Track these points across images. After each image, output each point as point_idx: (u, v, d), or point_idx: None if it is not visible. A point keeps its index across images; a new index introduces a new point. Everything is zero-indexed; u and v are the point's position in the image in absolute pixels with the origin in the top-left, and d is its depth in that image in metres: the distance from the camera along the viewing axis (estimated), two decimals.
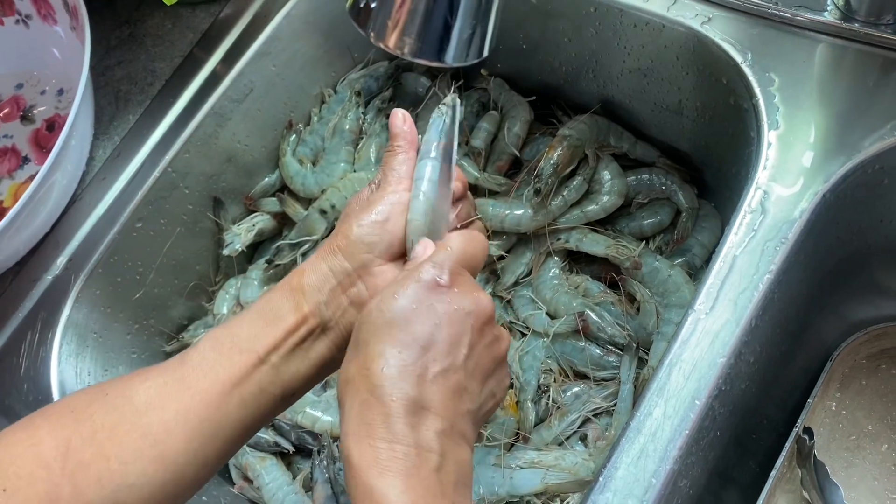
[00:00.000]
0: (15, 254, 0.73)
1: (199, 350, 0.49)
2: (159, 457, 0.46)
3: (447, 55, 0.45)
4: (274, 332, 0.49)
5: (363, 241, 0.51)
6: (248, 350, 0.48)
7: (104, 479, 0.45)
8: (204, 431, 0.47)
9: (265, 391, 0.49)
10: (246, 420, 0.49)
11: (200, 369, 0.48)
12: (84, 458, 0.45)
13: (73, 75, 0.82)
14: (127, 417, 0.47)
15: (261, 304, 0.51)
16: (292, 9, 0.82)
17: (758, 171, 0.61)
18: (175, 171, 0.78)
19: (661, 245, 0.80)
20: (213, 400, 0.47)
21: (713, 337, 0.57)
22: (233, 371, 0.48)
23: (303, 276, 0.51)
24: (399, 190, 0.52)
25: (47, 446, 0.46)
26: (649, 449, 0.54)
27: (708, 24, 0.68)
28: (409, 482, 0.41)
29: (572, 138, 0.79)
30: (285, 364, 0.49)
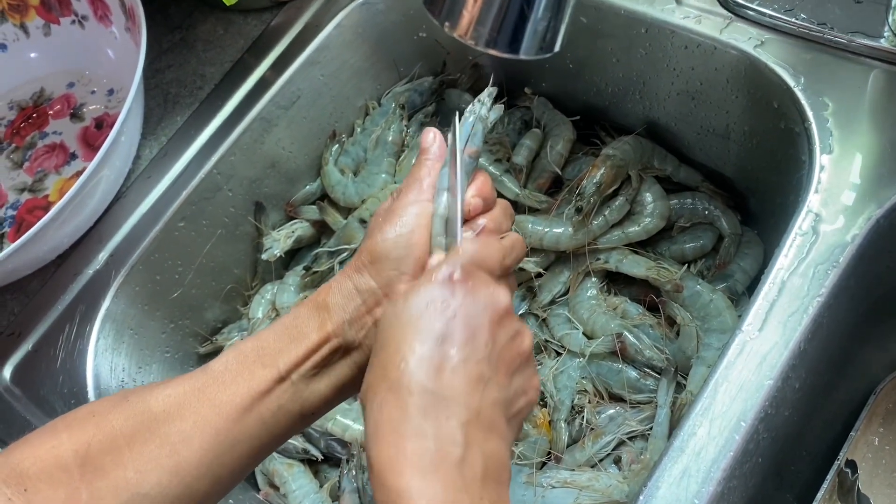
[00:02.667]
0: (58, 246, 0.74)
1: (222, 361, 0.49)
2: (174, 468, 0.46)
3: (520, 47, 0.45)
4: (297, 350, 0.48)
5: (389, 257, 0.49)
6: (270, 365, 0.48)
7: (120, 487, 0.45)
8: (220, 444, 0.47)
9: (284, 408, 0.48)
10: (263, 437, 0.48)
11: (222, 380, 0.47)
12: (102, 464, 0.45)
13: (125, 76, 0.84)
14: (145, 425, 0.46)
15: (288, 318, 0.50)
16: (343, 20, 0.83)
17: (809, 195, 0.61)
18: (220, 173, 0.79)
19: (702, 270, 0.80)
20: (232, 413, 0.47)
21: (761, 359, 0.56)
22: (253, 385, 0.47)
23: (329, 294, 0.50)
24: (421, 200, 0.50)
25: (67, 450, 0.46)
26: (692, 469, 0.53)
27: (761, 48, 0.68)
28: (426, 479, 0.39)
29: (616, 158, 0.78)
30: (306, 383, 0.48)
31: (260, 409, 0.47)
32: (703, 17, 0.71)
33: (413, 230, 0.49)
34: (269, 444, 0.49)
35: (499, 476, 0.42)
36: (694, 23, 0.71)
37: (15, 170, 0.86)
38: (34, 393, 0.71)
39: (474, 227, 0.50)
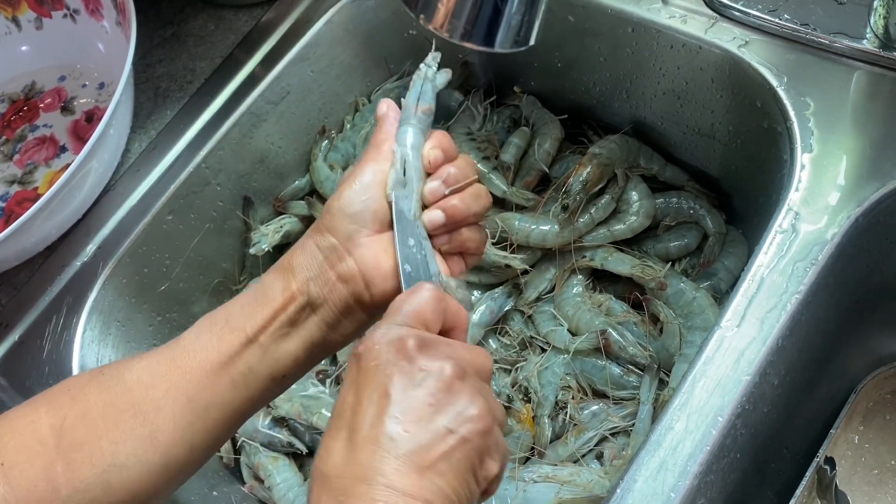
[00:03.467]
0: (46, 238, 0.74)
1: (193, 330, 0.49)
2: (149, 437, 0.46)
3: (495, 40, 0.45)
4: (263, 312, 0.48)
5: (345, 213, 0.49)
6: (237, 329, 0.48)
7: (96, 458, 0.46)
8: (193, 411, 0.47)
9: (254, 371, 0.48)
10: (236, 402, 0.48)
11: (192, 349, 0.48)
12: (77, 436, 0.46)
13: (115, 70, 0.84)
14: (119, 396, 0.47)
15: (256, 286, 0.51)
16: (333, 16, 0.84)
17: (790, 193, 0.61)
18: (208, 167, 0.79)
19: (686, 268, 0.80)
20: (203, 379, 0.47)
21: (738, 354, 0.56)
22: (222, 350, 0.48)
23: (292, 257, 0.50)
24: (379, 159, 0.50)
25: (44, 424, 0.46)
26: (669, 463, 0.54)
27: (745, 48, 0.68)
28: None
29: (602, 157, 0.79)
30: (275, 343, 0.49)
31: (230, 372, 0.48)
32: (689, 16, 0.71)
33: (368, 185, 0.49)
34: (242, 408, 0.49)
35: None
36: (679, 22, 0.71)
37: (5, 162, 0.86)
38: (20, 384, 0.71)
39: (440, 176, 0.50)
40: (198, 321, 0.50)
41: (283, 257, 0.51)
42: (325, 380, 0.80)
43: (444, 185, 0.50)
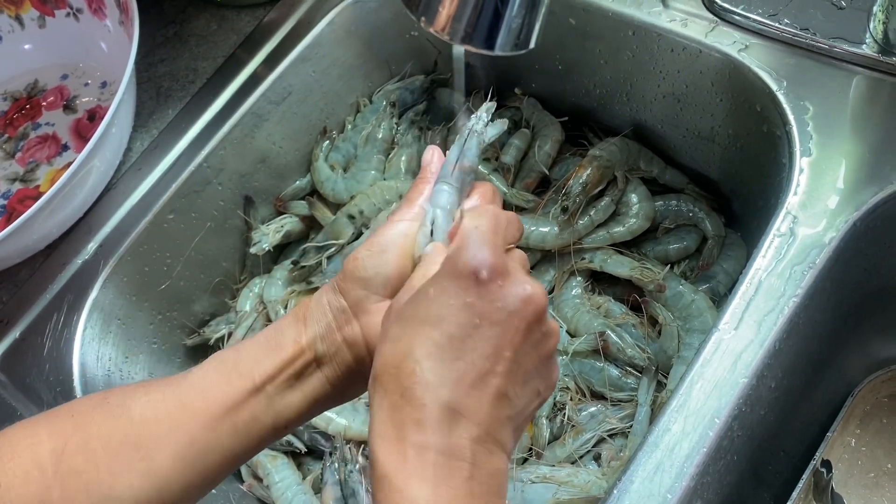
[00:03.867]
0: (47, 236, 0.75)
1: (203, 368, 0.49)
2: (147, 471, 0.46)
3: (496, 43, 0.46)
4: (272, 361, 0.47)
5: (357, 276, 0.47)
6: (246, 375, 0.47)
7: (92, 488, 0.45)
8: (193, 451, 0.46)
9: (257, 420, 0.47)
10: (235, 448, 0.48)
11: (199, 388, 0.47)
12: (76, 464, 0.45)
13: (118, 69, 0.84)
14: (122, 428, 0.46)
15: (271, 329, 0.50)
16: (335, 17, 0.84)
17: (788, 196, 0.62)
18: (210, 166, 0.80)
19: (685, 271, 0.81)
20: (206, 421, 0.46)
21: (736, 357, 0.57)
22: (229, 395, 0.47)
23: (308, 307, 0.49)
24: (406, 218, 0.49)
25: (45, 448, 0.46)
26: (666, 464, 0.54)
27: (745, 52, 0.69)
28: (437, 490, 0.39)
29: (602, 159, 0.79)
30: (280, 395, 0.47)
31: (234, 418, 0.47)
32: (689, 20, 0.71)
33: (386, 250, 0.48)
34: (240, 454, 0.48)
35: (500, 490, 0.42)
36: (680, 26, 0.72)
37: (7, 160, 0.86)
38: (20, 380, 0.71)
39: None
40: (209, 358, 0.49)
41: (300, 304, 0.51)
42: None
43: None
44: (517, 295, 0.42)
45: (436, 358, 0.40)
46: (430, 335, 0.41)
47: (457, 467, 0.40)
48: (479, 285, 0.41)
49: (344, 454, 0.74)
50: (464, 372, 0.41)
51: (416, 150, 0.88)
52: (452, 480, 0.39)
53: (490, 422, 0.41)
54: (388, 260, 0.47)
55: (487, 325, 0.41)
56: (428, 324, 0.41)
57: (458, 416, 0.40)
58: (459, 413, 0.40)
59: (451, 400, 0.40)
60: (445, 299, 0.41)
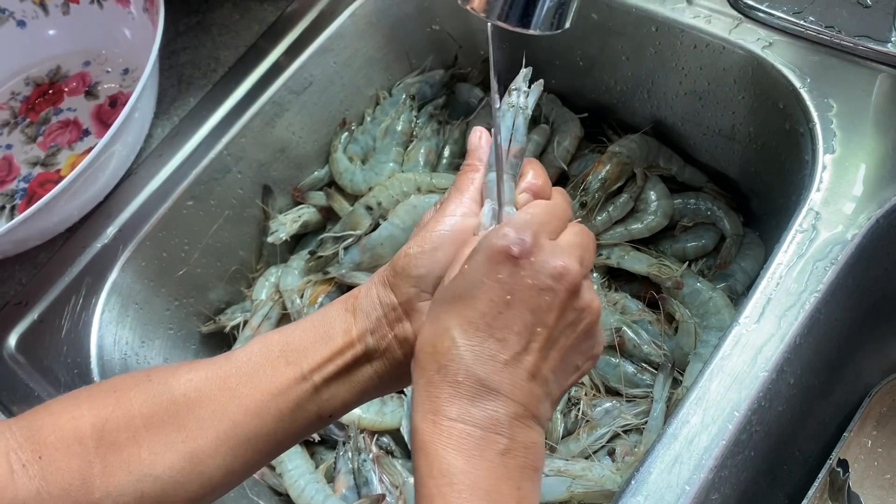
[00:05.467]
0: (68, 219, 0.75)
1: (247, 351, 0.48)
2: (189, 453, 0.46)
3: (531, 22, 0.46)
4: (322, 351, 0.47)
5: (409, 274, 0.46)
6: (294, 363, 0.47)
7: (133, 466, 0.45)
8: (236, 436, 0.46)
9: (303, 408, 0.47)
10: (278, 434, 0.47)
11: (244, 372, 0.47)
12: (117, 440, 0.45)
13: (140, 56, 0.85)
14: (164, 407, 0.46)
15: (317, 316, 0.49)
16: (357, 9, 0.85)
17: (811, 193, 0.61)
18: (230, 154, 0.80)
19: (703, 269, 0.80)
20: (251, 407, 0.46)
21: (756, 351, 0.56)
22: (275, 382, 0.46)
23: (357, 299, 0.48)
24: (458, 213, 0.47)
25: (86, 422, 0.45)
26: (684, 456, 0.54)
27: (769, 49, 0.69)
28: (471, 461, 0.40)
29: (622, 155, 0.79)
30: (327, 386, 0.47)
31: (279, 405, 0.46)
32: (713, 17, 0.71)
33: (437, 248, 0.46)
34: (282, 441, 0.48)
35: (536, 464, 0.43)
36: (704, 22, 0.71)
37: (28, 144, 0.87)
38: (38, 362, 0.71)
39: None
40: (254, 339, 0.49)
41: (351, 293, 0.50)
42: None
43: None
44: (548, 271, 0.42)
45: (470, 335, 0.41)
46: (463, 312, 0.42)
47: (492, 440, 0.41)
48: (510, 262, 0.41)
49: (357, 443, 0.74)
50: (497, 349, 0.41)
51: (434, 144, 0.88)
52: (486, 452, 0.40)
53: (526, 398, 0.42)
54: (440, 258, 0.46)
55: (519, 301, 0.41)
56: (462, 301, 0.42)
57: (493, 392, 0.41)
58: (494, 389, 0.41)
59: (485, 377, 0.41)
60: (478, 276, 0.42)
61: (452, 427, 0.40)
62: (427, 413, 0.41)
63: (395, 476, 0.73)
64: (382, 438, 0.76)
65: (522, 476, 0.41)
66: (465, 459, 0.40)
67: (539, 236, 0.43)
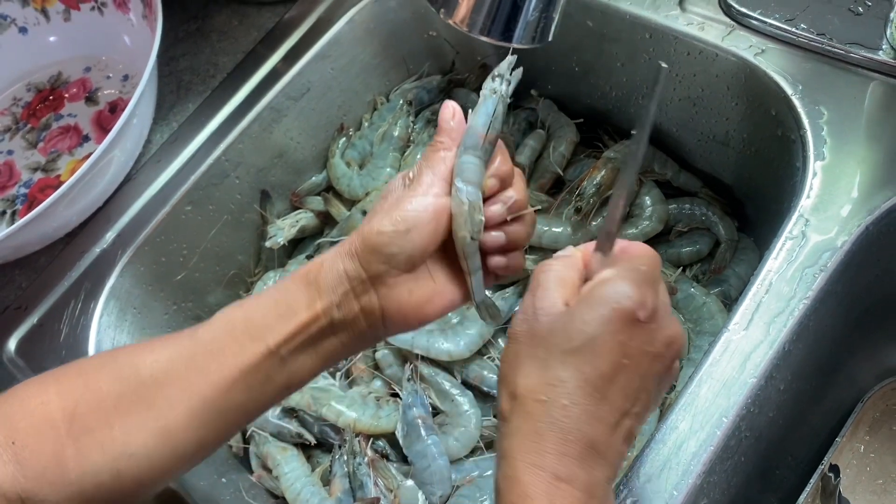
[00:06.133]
0: (67, 224, 0.76)
1: (210, 329, 0.49)
2: (161, 430, 0.47)
3: (514, 36, 0.46)
4: (287, 326, 0.48)
5: (381, 252, 0.47)
6: (259, 339, 0.48)
7: (106, 446, 0.46)
8: (207, 411, 0.47)
9: (271, 380, 0.49)
10: (248, 405, 0.49)
11: (210, 350, 0.48)
12: (89, 423, 0.46)
13: (140, 62, 0.86)
14: (133, 388, 0.47)
15: (277, 292, 0.50)
16: (355, 15, 0.85)
17: (801, 200, 0.62)
18: (228, 160, 0.81)
19: (697, 274, 0.81)
20: (220, 383, 0.47)
21: (745, 357, 0.57)
22: (243, 358, 0.47)
23: (319, 273, 0.49)
24: (430, 193, 0.48)
25: (56, 407, 0.46)
26: (672, 462, 0.54)
27: (761, 56, 0.69)
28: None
29: (617, 161, 0.80)
30: (293, 357, 0.48)
31: (248, 380, 0.47)
32: (707, 24, 0.72)
33: (411, 229, 0.47)
34: (252, 411, 0.49)
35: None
36: (697, 29, 0.72)
37: (29, 149, 0.88)
38: (37, 365, 0.72)
39: (504, 201, 0.49)
40: (215, 317, 0.50)
41: (307, 267, 0.50)
42: (336, 373, 0.81)
43: (507, 211, 0.49)
44: (662, 339, 0.43)
45: (587, 395, 0.41)
46: (583, 368, 0.42)
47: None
48: (634, 326, 0.42)
49: (353, 447, 0.75)
50: (607, 412, 0.42)
51: None
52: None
53: (618, 460, 0.43)
54: (414, 238, 0.47)
55: (633, 366, 0.42)
56: (581, 356, 0.42)
57: (598, 455, 0.42)
58: (601, 454, 0.42)
59: (595, 440, 0.41)
60: (600, 332, 0.42)
61: (559, 487, 0.40)
62: (533, 466, 0.41)
63: (390, 479, 0.73)
64: (378, 442, 0.76)
65: None
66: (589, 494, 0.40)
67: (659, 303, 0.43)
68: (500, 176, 0.49)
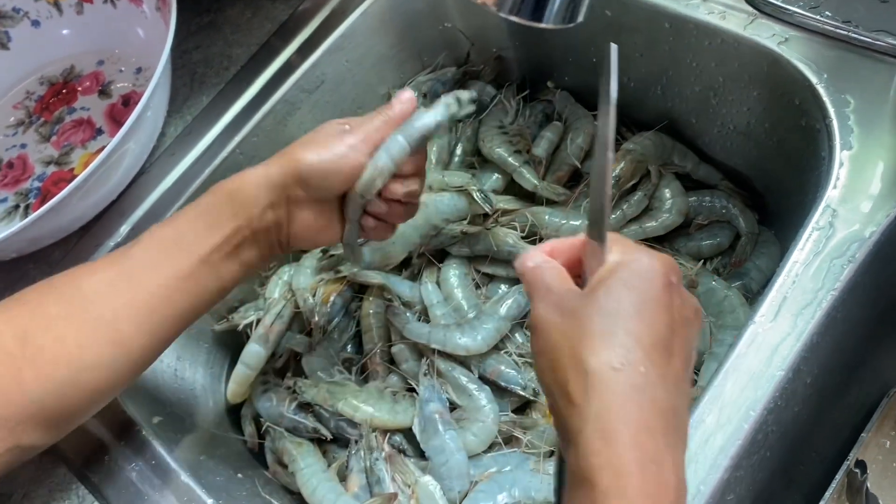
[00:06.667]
0: (81, 217, 0.75)
1: (142, 247, 0.55)
2: (113, 340, 0.52)
3: (544, 16, 0.45)
4: (213, 238, 0.55)
5: (305, 181, 0.55)
6: (189, 251, 0.54)
7: (62, 361, 0.50)
8: (153, 320, 0.53)
9: (205, 285, 0.55)
10: (188, 309, 0.55)
11: (145, 265, 0.54)
12: (42, 343, 0.50)
13: (153, 55, 0.85)
14: (79, 306, 0.52)
15: (200, 206, 0.56)
16: (369, 7, 0.84)
17: (827, 190, 0.61)
18: (242, 153, 0.80)
19: (718, 267, 0.80)
20: (162, 293, 0.53)
21: (772, 350, 0.56)
22: (179, 268, 0.54)
23: (242, 188, 0.56)
24: (360, 149, 0.56)
25: (5, 335, 0.50)
26: (699, 456, 0.53)
27: (784, 45, 0.68)
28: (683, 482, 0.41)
29: (636, 153, 0.79)
30: (223, 263, 0.56)
31: (187, 286, 0.54)
32: (728, 13, 0.71)
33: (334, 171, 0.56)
34: (197, 312, 0.56)
35: None
36: (718, 19, 0.71)
37: (42, 143, 0.87)
38: None
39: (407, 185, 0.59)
40: (144, 236, 0.55)
41: (229, 180, 0.57)
42: (352, 368, 0.80)
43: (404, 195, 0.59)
44: (692, 304, 0.44)
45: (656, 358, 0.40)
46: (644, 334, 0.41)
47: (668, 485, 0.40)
48: (672, 289, 0.42)
49: (370, 442, 0.74)
50: (678, 371, 0.42)
51: (446, 142, 0.87)
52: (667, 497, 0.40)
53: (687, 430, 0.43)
54: (332, 180, 0.56)
55: (680, 326, 0.42)
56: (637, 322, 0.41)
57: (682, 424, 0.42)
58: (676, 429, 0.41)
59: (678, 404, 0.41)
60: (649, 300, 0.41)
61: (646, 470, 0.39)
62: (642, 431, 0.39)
63: (408, 475, 0.72)
64: (395, 437, 0.75)
65: None
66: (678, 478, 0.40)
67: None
68: (417, 167, 0.59)
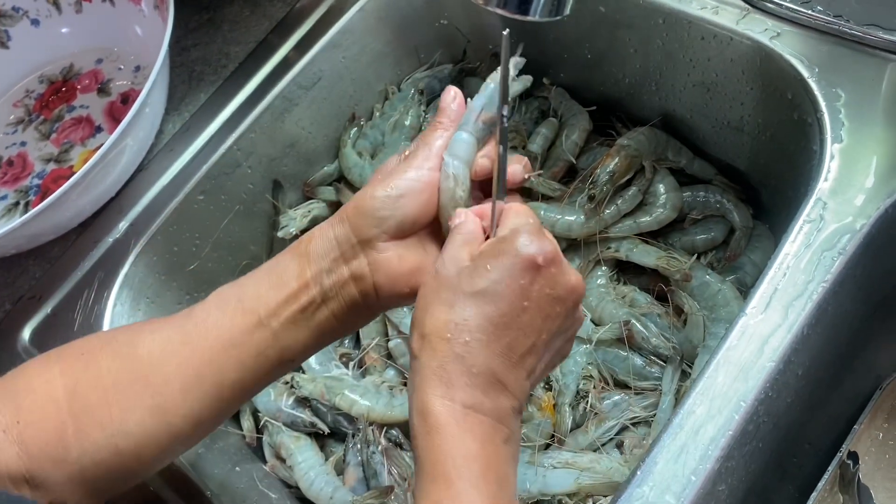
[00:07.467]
0: (80, 213, 0.76)
1: (204, 307, 0.50)
2: (157, 408, 0.48)
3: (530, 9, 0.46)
4: (276, 296, 0.49)
5: (373, 215, 0.49)
6: (250, 311, 0.49)
7: (105, 424, 0.47)
8: (201, 387, 0.48)
9: (263, 354, 0.49)
10: (244, 381, 0.50)
11: (203, 326, 0.49)
12: (89, 401, 0.48)
13: (151, 53, 0.85)
14: (130, 366, 0.48)
15: (270, 264, 0.51)
16: (366, 4, 0.85)
17: (818, 183, 0.61)
18: (240, 149, 0.81)
19: (712, 261, 0.80)
20: (213, 357, 0.48)
21: (763, 341, 0.56)
22: (233, 331, 0.48)
23: (310, 242, 0.51)
24: (425, 167, 0.50)
25: (58, 384, 0.48)
26: (690, 446, 0.54)
27: (777, 39, 0.68)
28: (485, 446, 0.43)
29: (630, 148, 0.79)
30: (285, 330, 0.49)
31: (240, 353, 0.48)
32: (721, 7, 0.71)
33: (404, 194, 0.49)
34: (249, 387, 0.50)
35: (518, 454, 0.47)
36: (711, 14, 0.71)
37: (42, 141, 0.88)
38: None
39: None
40: (210, 296, 0.51)
41: (301, 239, 0.52)
42: (349, 362, 0.81)
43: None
44: (564, 284, 0.46)
45: (488, 332, 0.44)
46: (485, 310, 0.44)
47: (498, 429, 0.44)
48: (535, 270, 0.44)
49: (367, 436, 0.75)
50: (510, 348, 0.44)
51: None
52: (495, 439, 0.44)
53: (522, 394, 0.46)
54: (405, 205, 0.49)
55: (535, 307, 0.45)
56: (483, 298, 0.44)
57: (503, 386, 0.44)
58: (503, 384, 0.44)
59: (498, 372, 0.44)
60: (503, 277, 0.44)
61: (468, 414, 0.43)
62: (442, 397, 0.43)
63: (404, 468, 0.73)
64: (391, 431, 0.76)
65: (515, 461, 0.46)
66: (480, 445, 0.43)
67: (557, 251, 0.46)
68: (493, 158, 0.50)
